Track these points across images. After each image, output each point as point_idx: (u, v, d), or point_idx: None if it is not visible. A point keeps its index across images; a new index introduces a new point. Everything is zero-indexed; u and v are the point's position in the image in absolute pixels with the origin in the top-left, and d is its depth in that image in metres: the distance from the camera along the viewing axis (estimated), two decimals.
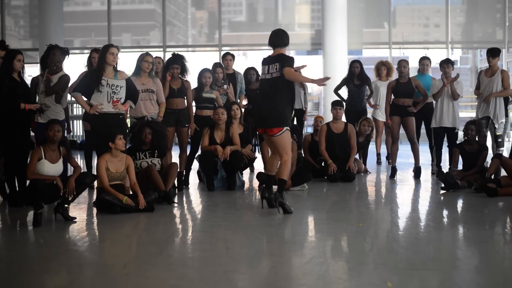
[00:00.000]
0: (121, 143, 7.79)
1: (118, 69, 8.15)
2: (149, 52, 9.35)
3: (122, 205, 7.50)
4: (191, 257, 5.70)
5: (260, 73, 11.64)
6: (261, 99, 7.66)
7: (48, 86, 8.72)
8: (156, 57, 9.98)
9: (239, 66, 11.48)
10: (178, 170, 9.04)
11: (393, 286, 4.63)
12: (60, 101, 8.88)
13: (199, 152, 9.78)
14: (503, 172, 9.21)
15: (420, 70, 11.31)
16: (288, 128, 7.52)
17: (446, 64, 10.41)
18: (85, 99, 8.13)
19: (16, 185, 8.15)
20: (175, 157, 9.81)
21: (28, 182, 7.53)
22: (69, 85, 8.89)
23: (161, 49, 19.56)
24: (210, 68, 10.37)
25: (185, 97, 9.58)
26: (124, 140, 7.85)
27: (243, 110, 11.10)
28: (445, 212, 7.91)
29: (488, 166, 9.30)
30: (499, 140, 10.30)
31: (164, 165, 8.70)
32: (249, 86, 11.51)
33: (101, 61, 8.04)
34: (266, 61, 7.67)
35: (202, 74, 9.95)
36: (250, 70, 11.73)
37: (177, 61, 9.53)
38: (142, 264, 5.30)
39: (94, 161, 8.73)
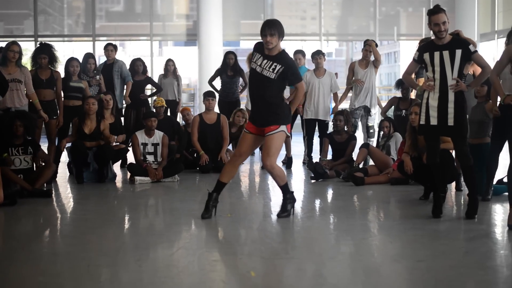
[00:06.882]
0: None
1: None
2: (16, 41, 9.06)
3: None
4: (54, 251, 5.57)
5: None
6: None
7: None
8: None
9: (116, 56, 11.23)
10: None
11: (256, 275, 4.68)
12: None
13: (69, 144, 9.56)
14: (372, 162, 9.50)
15: None
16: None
17: (318, 55, 10.65)
18: None
19: None
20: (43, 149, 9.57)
21: None
22: None
23: (33, 39, 19.00)
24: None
25: (55, 88, 9.36)
26: None
27: (124, 102, 10.95)
28: (314, 202, 8.05)
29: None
30: (371, 131, 10.57)
31: (40, 158, 8.39)
32: (134, 76, 11.24)
33: None
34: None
35: (69, 63, 9.82)
36: (136, 62, 11.47)
37: (44, 50, 9.30)
38: (2, 259, 5.16)
39: None
